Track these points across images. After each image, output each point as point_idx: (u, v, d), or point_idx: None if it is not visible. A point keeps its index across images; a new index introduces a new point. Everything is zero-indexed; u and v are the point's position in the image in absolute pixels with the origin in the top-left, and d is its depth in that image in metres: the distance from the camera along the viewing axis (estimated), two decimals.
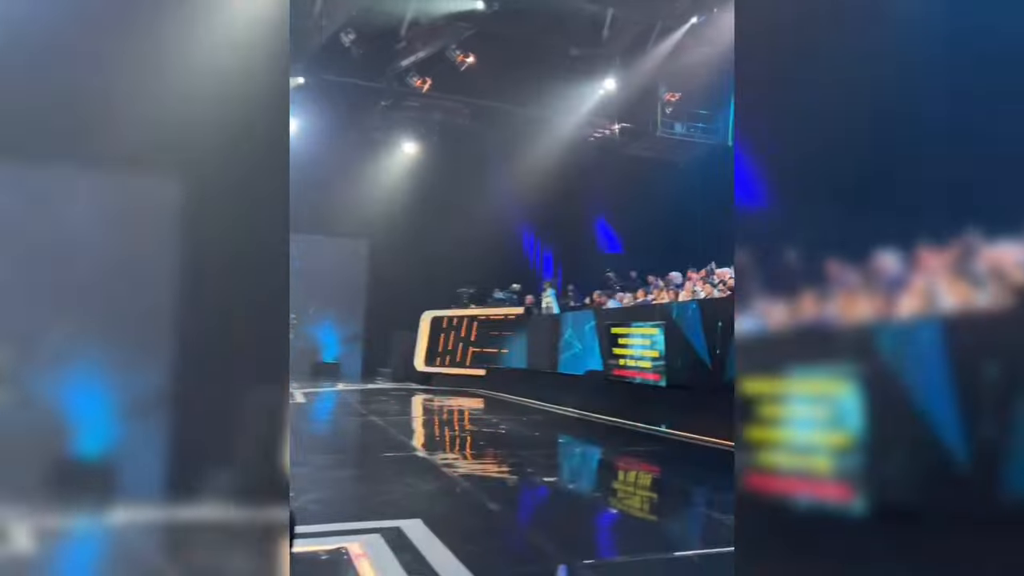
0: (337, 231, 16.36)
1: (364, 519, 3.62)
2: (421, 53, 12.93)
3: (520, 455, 6.03)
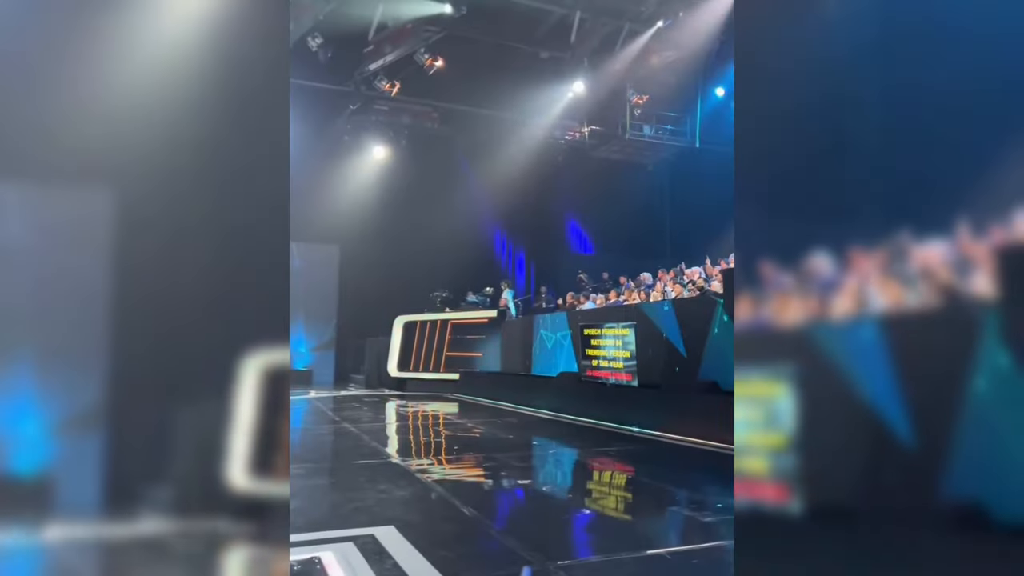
0: (307, 236, 16.16)
1: (337, 527, 3.58)
2: (389, 57, 12.89)
3: (495, 458, 6.03)
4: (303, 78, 13.81)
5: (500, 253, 18.69)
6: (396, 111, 15.78)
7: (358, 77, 13.75)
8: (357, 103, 14.55)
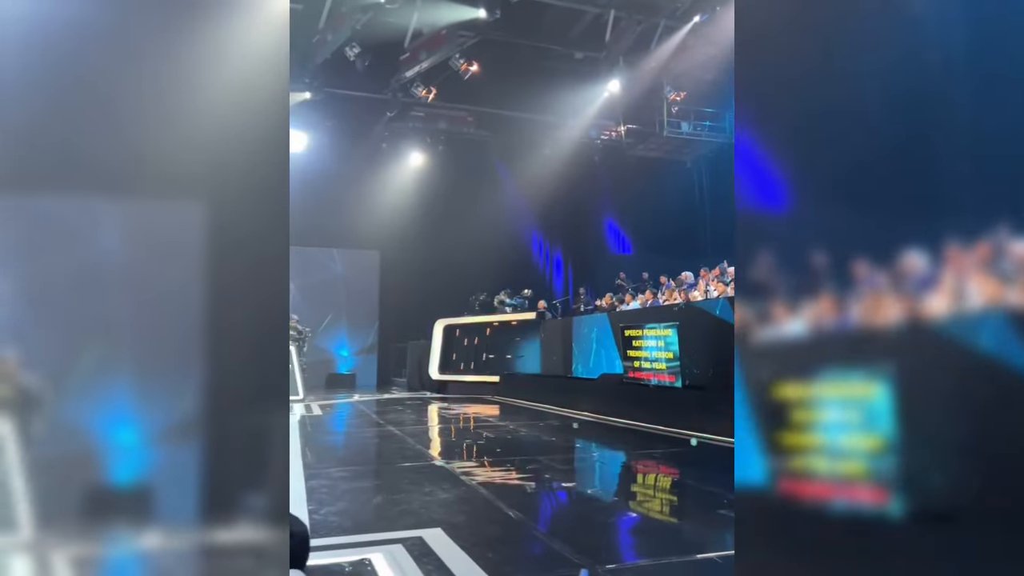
0: (348, 243, 16.47)
1: (385, 530, 3.63)
2: (425, 63, 13.04)
3: (538, 461, 6.02)
4: (341, 87, 14.10)
5: (537, 255, 18.68)
6: (432, 117, 15.95)
7: (395, 84, 13.94)
8: (394, 110, 14.77)
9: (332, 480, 5.16)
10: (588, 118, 15.92)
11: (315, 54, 12.99)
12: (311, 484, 4.88)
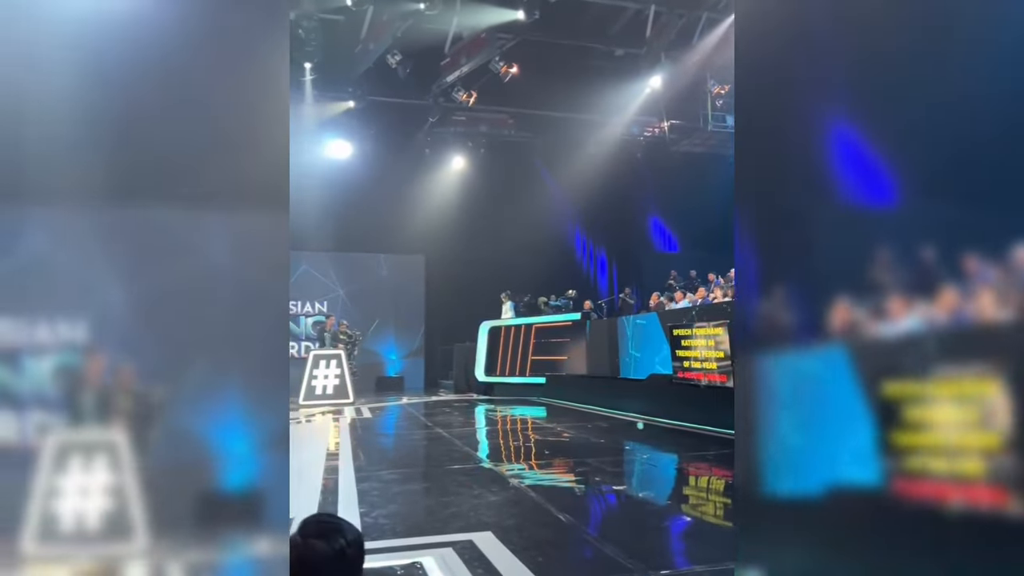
0: (393, 248, 16.70)
1: (436, 533, 3.64)
2: (465, 68, 13.11)
3: (587, 463, 5.95)
4: (383, 95, 14.32)
5: (581, 255, 18.55)
6: (473, 120, 16.04)
7: (436, 90, 14.08)
8: (436, 115, 14.91)
9: (383, 483, 5.22)
10: (630, 115, 15.73)
11: (358, 63, 13.23)
12: (362, 487, 4.95)
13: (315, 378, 12.05)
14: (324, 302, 16.11)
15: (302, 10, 11.71)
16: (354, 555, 1.48)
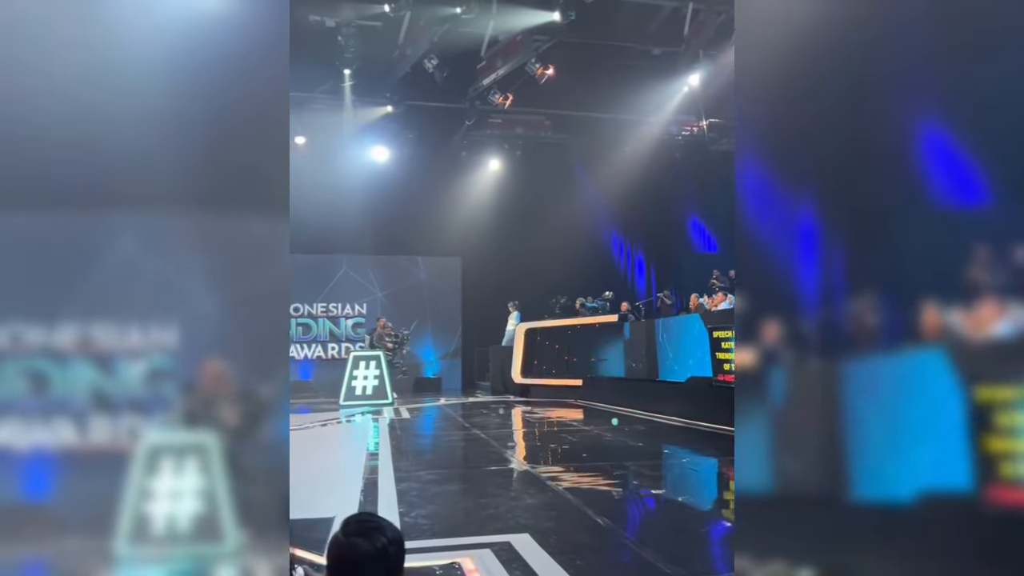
0: (430, 251, 16.85)
1: (473, 534, 3.66)
2: (501, 70, 13.14)
3: (625, 466, 5.90)
4: (421, 99, 14.47)
5: (618, 256, 18.39)
6: (510, 123, 16.08)
7: (472, 93, 14.16)
8: (472, 119, 15.00)
9: (422, 483, 5.28)
10: (668, 114, 15.52)
11: (395, 69, 13.41)
12: (401, 487, 5.01)
13: (355, 379, 12.25)
14: (364, 304, 16.37)
15: (341, 17, 11.95)
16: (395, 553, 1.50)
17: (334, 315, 16.10)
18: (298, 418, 10.60)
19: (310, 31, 12.34)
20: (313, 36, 12.42)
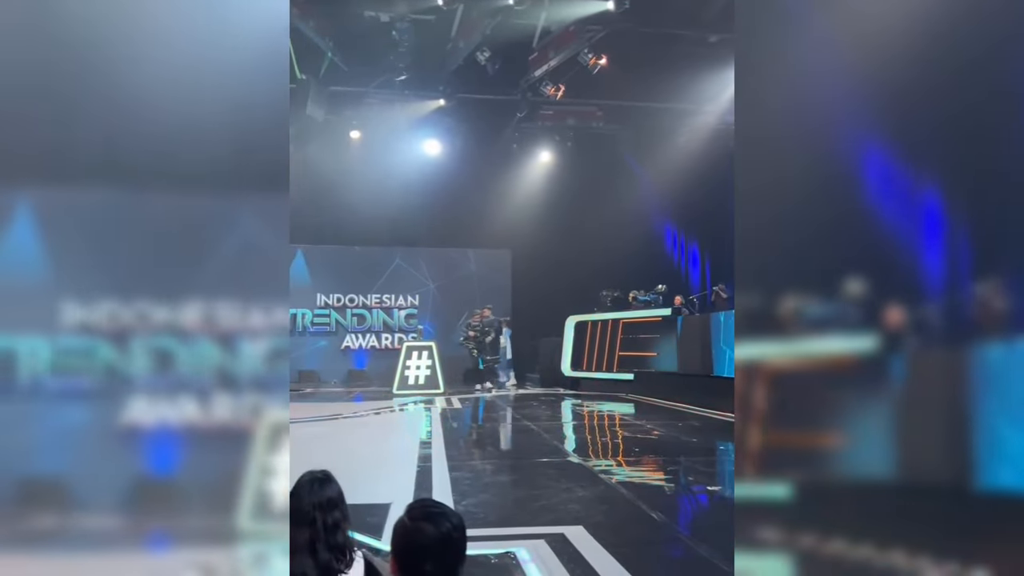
0: (480, 243, 16.95)
1: (527, 524, 3.68)
2: (553, 61, 13.05)
3: (678, 462, 5.82)
4: (473, 92, 14.53)
5: (671, 249, 18.07)
6: (561, 114, 15.96)
7: (524, 85, 14.12)
8: (524, 110, 14.95)
9: (474, 472, 5.34)
10: (724, 103, 15.10)
11: (448, 62, 13.49)
12: (454, 476, 5.08)
13: (408, 368, 12.47)
14: (416, 295, 16.62)
15: (396, 12, 12.09)
16: (459, 539, 1.53)
17: (387, 306, 16.41)
18: (352, 406, 10.87)
19: (365, 27, 12.55)
20: (368, 31, 12.64)
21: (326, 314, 15.98)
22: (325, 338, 15.93)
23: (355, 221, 15.39)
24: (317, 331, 15.92)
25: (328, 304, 16.01)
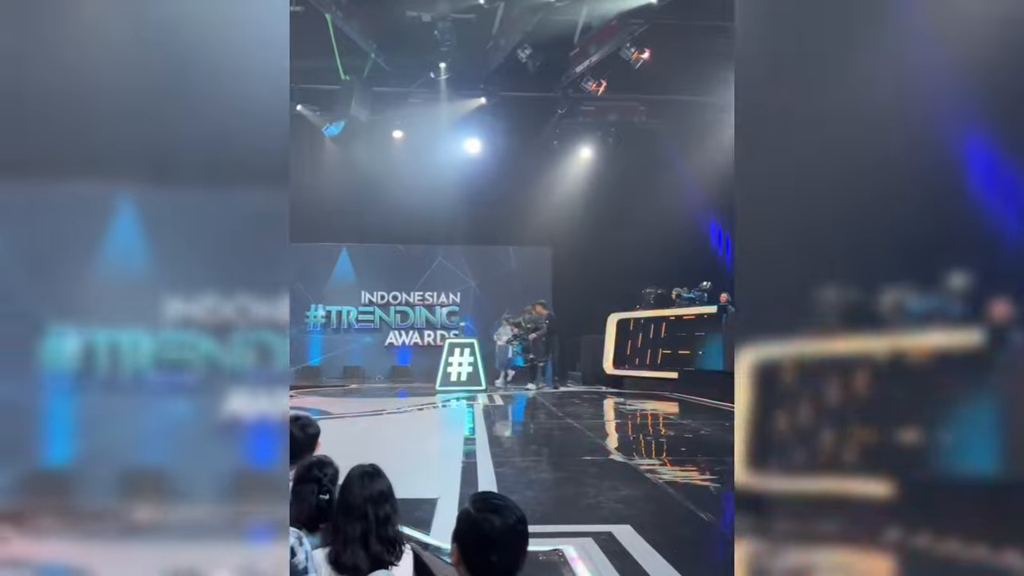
0: (522, 241, 16.95)
1: (574, 522, 3.67)
2: (595, 57, 12.96)
3: (725, 462, 5.71)
4: (514, 90, 14.54)
5: (716, 245, 17.72)
6: (602, 110, 15.83)
7: (565, 81, 14.06)
8: (564, 107, 14.89)
9: (518, 469, 5.36)
10: None
11: (489, 60, 13.54)
12: (499, 471, 5.11)
13: (450, 365, 12.59)
14: (457, 293, 16.75)
15: (437, 12, 12.19)
16: (523, 532, 1.54)
17: (430, 303, 16.59)
18: (397, 401, 11.04)
19: (407, 27, 12.69)
20: (410, 32, 12.77)
21: (370, 311, 16.25)
22: (370, 335, 16.21)
23: (398, 220, 15.60)
24: (362, 328, 16.22)
25: (372, 301, 16.28)
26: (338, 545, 2.13)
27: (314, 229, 16.03)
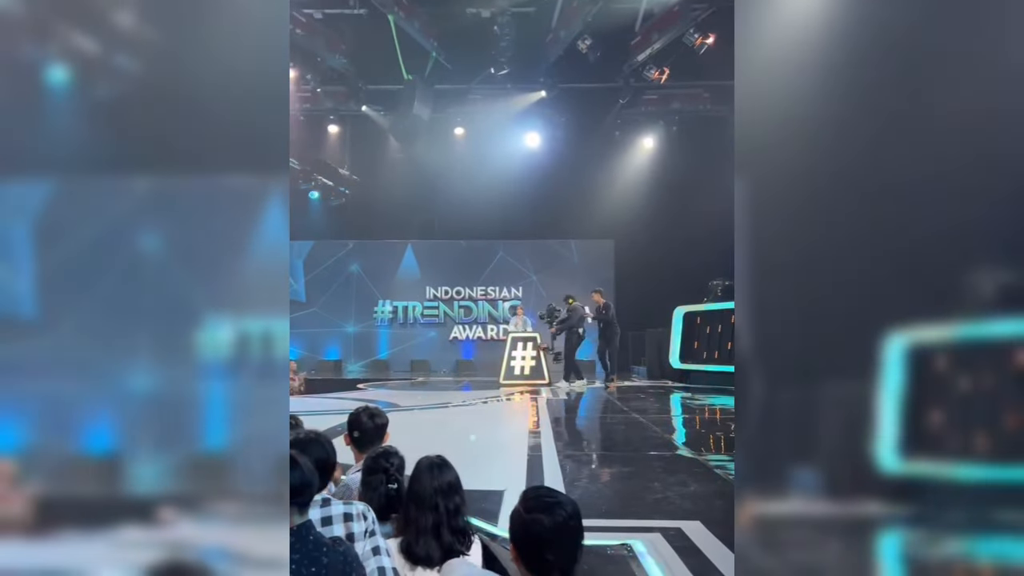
0: (583, 233, 16.82)
1: (641, 517, 3.63)
2: (657, 44, 12.67)
3: None
4: (574, 81, 14.42)
5: None
6: (665, 98, 15.49)
7: (626, 71, 13.83)
8: (626, 97, 14.65)
9: (583, 463, 5.34)
10: None
11: (549, 52, 13.48)
12: (564, 465, 5.10)
13: (513, 359, 12.66)
14: (519, 287, 16.81)
15: (496, 7, 12.23)
16: (575, 527, 1.54)
17: (492, 298, 16.73)
18: (462, 394, 11.20)
19: (467, 24, 12.79)
20: (470, 28, 12.87)
21: (435, 306, 16.55)
22: (435, 329, 16.51)
23: (461, 216, 15.78)
24: (427, 323, 16.53)
25: (436, 296, 16.57)
26: (410, 535, 2.18)
27: (380, 227, 16.46)
